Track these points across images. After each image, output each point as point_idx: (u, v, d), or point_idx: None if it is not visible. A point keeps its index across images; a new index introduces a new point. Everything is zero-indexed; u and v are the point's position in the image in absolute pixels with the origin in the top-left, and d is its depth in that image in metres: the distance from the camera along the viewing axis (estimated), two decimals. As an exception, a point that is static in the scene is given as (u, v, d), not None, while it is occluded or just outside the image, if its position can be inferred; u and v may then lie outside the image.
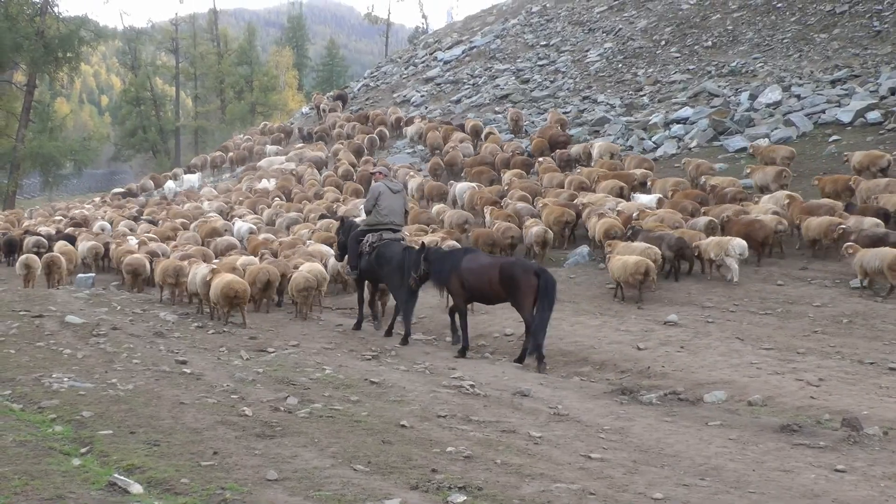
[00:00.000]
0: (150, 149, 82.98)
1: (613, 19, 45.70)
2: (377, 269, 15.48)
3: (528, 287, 13.07)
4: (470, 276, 13.74)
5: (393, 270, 15.04)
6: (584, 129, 32.41)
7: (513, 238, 19.95)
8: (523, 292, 13.12)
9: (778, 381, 10.96)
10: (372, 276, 15.90)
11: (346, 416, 8.75)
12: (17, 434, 7.42)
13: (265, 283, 16.85)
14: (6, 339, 12.46)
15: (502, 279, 13.34)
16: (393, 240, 15.66)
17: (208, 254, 21.09)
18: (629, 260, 15.87)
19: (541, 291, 12.96)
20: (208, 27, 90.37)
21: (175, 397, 9.18)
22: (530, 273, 13.20)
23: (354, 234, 16.25)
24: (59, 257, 21.22)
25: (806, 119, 26.50)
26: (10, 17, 58.79)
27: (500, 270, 13.43)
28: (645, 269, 15.52)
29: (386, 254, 15.24)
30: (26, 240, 25.46)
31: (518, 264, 13.85)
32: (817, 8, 36.42)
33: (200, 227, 26.24)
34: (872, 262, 14.73)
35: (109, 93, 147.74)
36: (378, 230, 15.79)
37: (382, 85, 52.10)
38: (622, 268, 15.87)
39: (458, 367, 12.30)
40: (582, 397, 10.65)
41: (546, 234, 19.52)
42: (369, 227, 16.03)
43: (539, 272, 13.21)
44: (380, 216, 15.81)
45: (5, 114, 62.09)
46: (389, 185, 16.16)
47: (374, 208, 15.87)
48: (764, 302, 15.09)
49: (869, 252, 14.95)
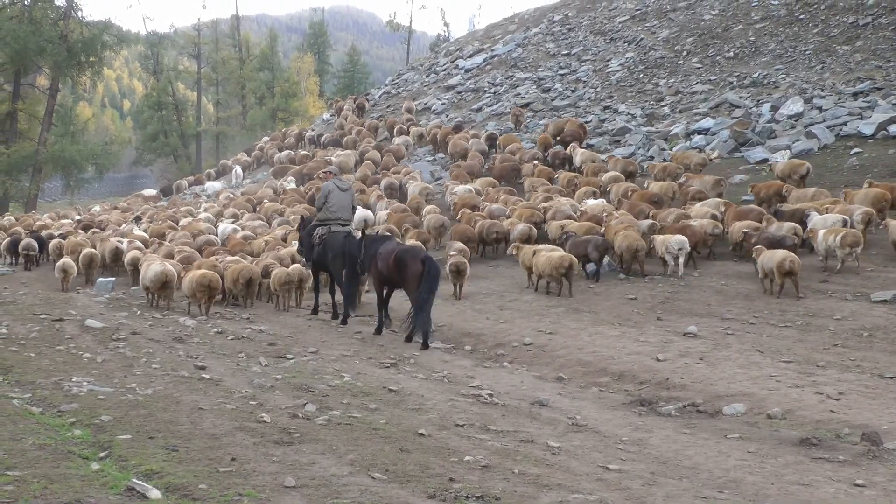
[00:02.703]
0: (172, 153, 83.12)
1: (635, 29, 45.68)
2: (325, 258, 17.56)
3: (414, 271, 14.94)
4: (380, 261, 15.68)
5: (336, 257, 17.14)
6: (604, 139, 32.41)
7: (497, 234, 22.11)
8: (410, 275, 15.00)
9: (797, 395, 10.86)
10: (323, 265, 17.91)
11: (365, 424, 8.72)
12: (36, 437, 7.41)
13: (247, 281, 18.72)
14: (27, 343, 12.53)
15: (396, 263, 15.24)
16: (339, 232, 17.55)
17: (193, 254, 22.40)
18: (553, 255, 17.86)
19: (423, 276, 14.78)
20: (230, 32, 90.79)
21: (194, 403, 9.18)
22: (418, 259, 15.10)
23: (308, 228, 18.57)
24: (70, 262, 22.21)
25: (827, 131, 26.42)
26: (34, 21, 59.22)
27: (395, 255, 15.35)
28: (568, 264, 17.58)
29: (332, 243, 17.30)
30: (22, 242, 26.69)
31: (410, 251, 15.87)
32: (840, 20, 36.34)
33: (187, 227, 28.89)
34: (767, 263, 16.26)
35: (131, 97, 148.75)
36: (327, 224, 17.73)
37: (404, 92, 52.12)
38: (547, 262, 17.77)
39: (477, 375, 12.31)
40: (600, 408, 10.62)
41: (531, 232, 21.46)
42: (320, 221, 17.99)
43: (425, 259, 15.11)
44: (329, 212, 17.74)
45: (28, 117, 62.56)
46: (338, 183, 18.12)
47: (325, 205, 17.79)
48: (784, 314, 15.00)
49: (766, 253, 16.48)
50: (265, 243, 23.55)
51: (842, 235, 16.95)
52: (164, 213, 35.46)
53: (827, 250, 17.34)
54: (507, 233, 21.98)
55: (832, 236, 17.14)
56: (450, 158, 35.40)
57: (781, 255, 16.07)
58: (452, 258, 18.78)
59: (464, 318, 16.67)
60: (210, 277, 17.14)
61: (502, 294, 18.42)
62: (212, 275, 17.31)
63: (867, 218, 18.33)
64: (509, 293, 18.47)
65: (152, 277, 17.90)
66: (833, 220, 18.00)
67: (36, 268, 26.67)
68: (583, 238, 19.30)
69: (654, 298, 16.83)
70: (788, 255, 16.10)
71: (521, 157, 31.32)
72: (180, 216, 33.15)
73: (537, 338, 14.56)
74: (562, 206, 23.14)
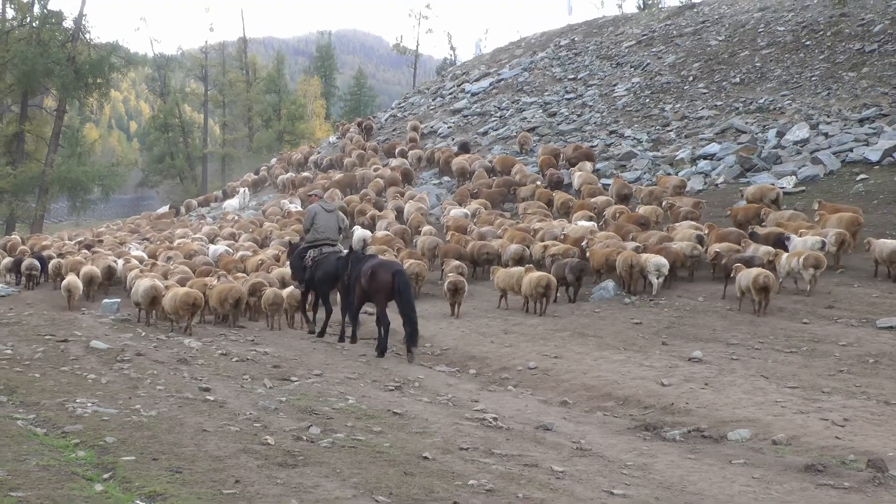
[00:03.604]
0: (178, 175, 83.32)
1: (641, 54, 45.83)
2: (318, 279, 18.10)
3: (383, 281, 15.51)
4: (361, 278, 16.10)
5: (327, 277, 17.79)
6: (610, 164, 32.45)
7: (488, 254, 22.85)
8: (380, 286, 15.57)
9: (803, 421, 10.83)
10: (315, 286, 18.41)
11: (369, 447, 8.70)
12: (40, 458, 7.41)
13: (235, 301, 19.21)
14: (31, 364, 12.52)
15: (371, 276, 15.76)
16: (331, 253, 18.13)
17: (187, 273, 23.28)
18: (533, 275, 18.69)
19: (395, 289, 15.37)
20: (237, 55, 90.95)
21: (198, 425, 9.16)
22: (389, 272, 15.66)
23: (298, 251, 19.12)
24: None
25: (833, 157, 26.43)
26: (42, 43, 59.25)
27: (371, 269, 15.91)
28: (546, 283, 18.40)
29: (324, 265, 17.86)
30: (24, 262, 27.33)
31: (384, 264, 16.36)
32: (846, 46, 36.42)
33: (181, 247, 29.96)
34: (744, 280, 17.00)
35: (138, 119, 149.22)
36: (318, 246, 18.34)
37: (410, 116, 52.11)
38: (528, 282, 18.63)
39: (482, 399, 12.28)
40: (605, 432, 10.58)
41: (524, 253, 22.04)
42: (309, 243, 18.61)
43: (395, 273, 15.67)
44: (317, 233, 18.39)
45: (35, 138, 62.53)
46: (324, 205, 18.89)
47: (312, 227, 18.48)
48: (789, 340, 14.98)
49: (743, 271, 17.22)
50: (259, 263, 24.09)
51: (804, 257, 17.63)
52: (161, 234, 36.69)
53: (790, 272, 18.00)
54: (498, 254, 22.72)
55: (795, 259, 17.86)
56: (457, 179, 35.72)
57: (756, 272, 16.81)
58: (450, 277, 19.35)
59: (468, 341, 16.68)
60: (194, 296, 17.71)
61: (507, 317, 18.44)
62: (195, 293, 17.90)
63: (840, 239, 19.11)
64: (514, 317, 18.48)
65: (143, 293, 18.66)
66: (812, 243, 18.56)
67: (37, 287, 27.08)
68: (564, 260, 20.05)
69: (659, 323, 16.83)
70: (762, 271, 16.87)
71: (521, 179, 31.78)
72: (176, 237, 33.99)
73: (542, 362, 14.55)
74: (552, 229, 23.94)
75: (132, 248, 30.99)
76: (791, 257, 17.96)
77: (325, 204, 19.20)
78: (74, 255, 28.61)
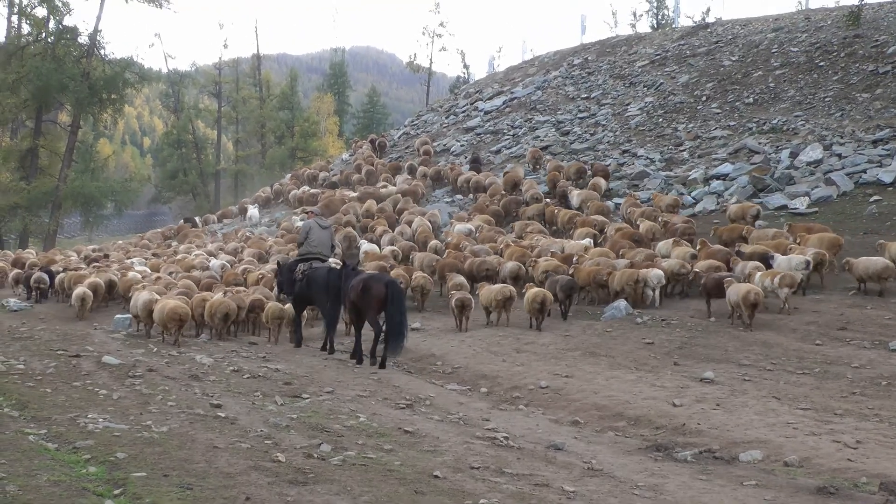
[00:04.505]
0: (191, 191, 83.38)
1: (655, 74, 45.83)
2: (308, 293, 18.48)
3: (377, 293, 15.89)
4: (352, 292, 16.52)
5: (320, 291, 18.00)
6: (622, 183, 32.44)
7: (487, 270, 22.78)
8: (373, 298, 15.95)
9: (815, 443, 10.78)
10: (305, 299, 18.84)
11: (379, 465, 8.70)
12: (51, 474, 7.42)
13: (224, 315, 19.34)
14: (43, 379, 12.54)
15: (363, 289, 16.13)
16: (320, 267, 18.53)
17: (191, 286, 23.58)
18: (530, 292, 19.12)
19: (388, 299, 15.74)
20: (251, 72, 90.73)
21: (209, 441, 9.17)
22: (381, 283, 16.11)
23: (289, 263, 19.81)
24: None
25: (846, 178, 26.38)
26: (56, 59, 59.70)
27: (363, 282, 16.30)
28: (542, 299, 18.71)
29: (315, 278, 18.18)
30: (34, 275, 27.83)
31: (375, 276, 16.91)
32: (860, 67, 36.39)
33: (180, 261, 30.41)
34: (734, 296, 17.55)
35: (151, 135, 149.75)
36: (309, 259, 18.86)
37: (423, 133, 51.97)
38: (526, 299, 19.04)
39: (493, 418, 12.26)
40: (616, 452, 10.54)
41: (519, 270, 22.28)
42: (301, 257, 19.26)
43: (388, 283, 16.13)
44: (310, 247, 18.98)
45: (49, 153, 62.98)
46: (319, 221, 19.52)
47: (306, 241, 19.11)
48: (801, 361, 14.93)
49: (733, 287, 17.79)
50: (260, 277, 24.26)
51: (780, 277, 18.15)
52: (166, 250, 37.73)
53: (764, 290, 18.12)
54: (496, 270, 22.81)
55: (768, 278, 18.34)
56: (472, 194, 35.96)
57: (746, 289, 17.38)
58: (458, 294, 19.70)
59: (480, 359, 16.65)
60: (180, 310, 17.98)
61: (518, 336, 18.41)
62: (182, 307, 18.17)
63: (819, 259, 19.58)
64: (525, 335, 18.45)
65: (141, 306, 19.16)
66: (797, 263, 19.08)
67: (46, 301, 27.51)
68: (556, 277, 20.32)
69: (671, 343, 16.79)
70: (753, 287, 17.45)
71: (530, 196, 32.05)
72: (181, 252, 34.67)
73: (553, 381, 14.52)
74: (551, 247, 24.37)
75: (136, 263, 31.30)
76: (765, 276, 18.44)
77: (321, 221, 19.82)
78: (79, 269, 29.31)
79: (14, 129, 67.07)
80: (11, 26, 65.98)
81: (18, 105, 60.35)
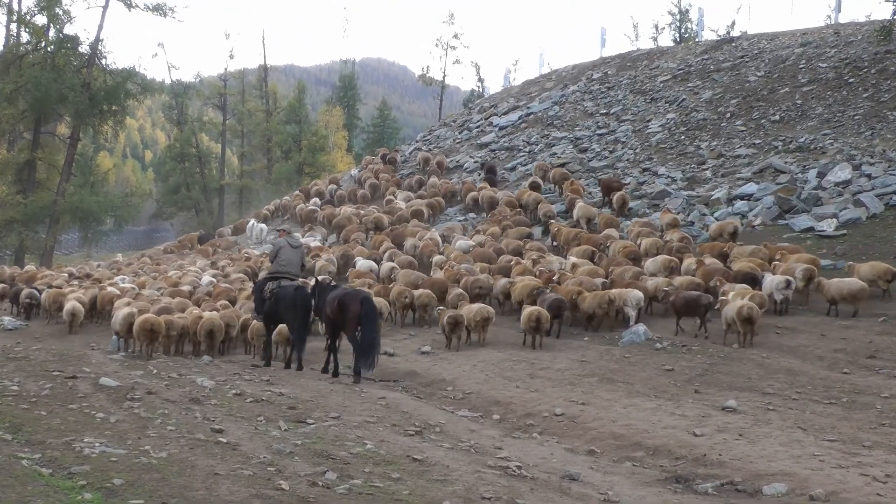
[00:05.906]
0: (193, 207, 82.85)
1: (677, 89, 45.55)
2: (277, 311, 18.76)
3: (353, 311, 16.47)
4: (328, 308, 17.22)
5: (288, 309, 18.36)
6: (643, 202, 32.10)
7: (480, 288, 23.50)
8: (350, 316, 16.55)
9: (842, 476, 10.45)
10: (275, 317, 19.17)
11: (387, 494, 8.47)
12: (45, 500, 7.24)
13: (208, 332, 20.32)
14: (38, 401, 12.28)
15: (339, 305, 16.76)
16: (289, 286, 18.78)
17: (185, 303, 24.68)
18: (525, 310, 19.54)
19: (363, 316, 16.37)
20: (257, 83, 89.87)
21: (209, 467, 8.96)
22: (357, 300, 16.67)
23: (259, 282, 20.30)
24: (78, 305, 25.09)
25: (876, 200, 25.90)
26: (56, 68, 59.43)
27: (339, 299, 16.90)
28: (537, 317, 19.09)
29: (283, 296, 18.52)
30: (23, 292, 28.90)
31: (351, 293, 17.40)
32: (891, 84, 35.99)
33: (166, 279, 31.77)
34: (729, 313, 18.02)
35: (154, 148, 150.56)
36: (277, 278, 19.15)
37: (435, 149, 51.73)
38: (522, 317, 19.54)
39: (505, 446, 12.00)
40: (634, 484, 10.28)
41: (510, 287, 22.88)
42: (271, 275, 19.68)
43: (363, 300, 16.68)
44: (280, 266, 19.29)
45: (47, 166, 62.48)
46: (290, 241, 19.89)
47: (276, 259, 19.45)
48: (828, 391, 14.61)
49: (728, 305, 18.28)
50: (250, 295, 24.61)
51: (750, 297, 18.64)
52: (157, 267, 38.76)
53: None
54: (490, 288, 23.64)
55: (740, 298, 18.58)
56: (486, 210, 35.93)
57: (740, 304, 17.80)
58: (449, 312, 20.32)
59: (492, 385, 16.40)
60: (152, 322, 18.97)
61: (533, 361, 18.15)
62: (154, 319, 19.12)
63: (808, 275, 20.10)
64: (540, 360, 18.19)
65: (121, 321, 20.13)
66: (777, 282, 19.88)
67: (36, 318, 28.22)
68: (545, 296, 20.69)
69: (692, 370, 16.48)
70: (747, 303, 17.81)
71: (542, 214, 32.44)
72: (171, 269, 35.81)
73: (569, 408, 14.24)
74: (550, 265, 24.83)
75: (121, 280, 31.87)
76: (736, 296, 18.77)
77: (292, 240, 20.23)
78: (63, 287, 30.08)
79: (11, 141, 66.28)
80: (10, 34, 65.27)
81: (16, 116, 59.92)
